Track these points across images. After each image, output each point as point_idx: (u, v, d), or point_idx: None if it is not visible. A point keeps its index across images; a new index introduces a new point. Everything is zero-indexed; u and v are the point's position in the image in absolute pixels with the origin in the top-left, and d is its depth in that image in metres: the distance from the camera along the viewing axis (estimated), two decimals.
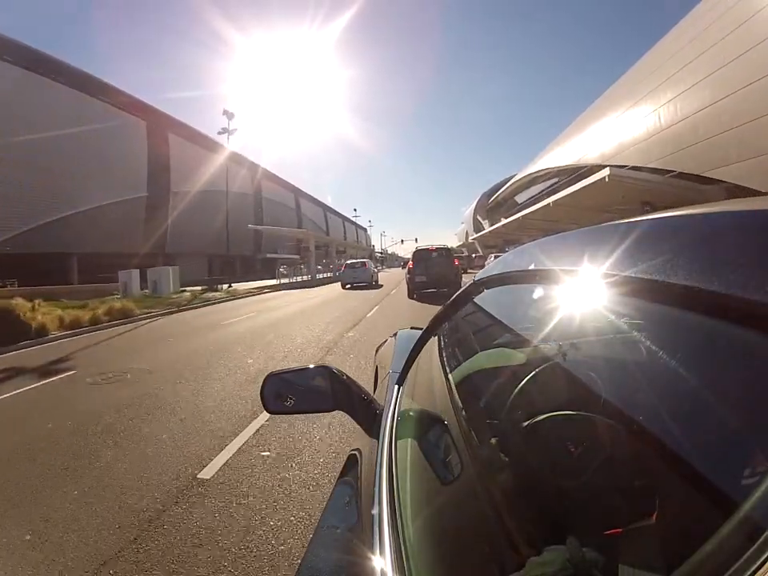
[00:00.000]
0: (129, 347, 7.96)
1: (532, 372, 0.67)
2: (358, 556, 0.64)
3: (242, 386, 4.66)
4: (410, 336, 1.86)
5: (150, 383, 4.98)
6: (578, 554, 0.39)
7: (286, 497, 2.39)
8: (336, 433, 3.22)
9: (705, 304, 0.35)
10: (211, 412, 3.85)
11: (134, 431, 3.48)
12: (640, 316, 0.46)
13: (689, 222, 0.51)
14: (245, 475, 2.67)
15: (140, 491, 2.52)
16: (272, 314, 11.74)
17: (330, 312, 11.39)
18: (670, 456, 0.36)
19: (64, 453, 3.13)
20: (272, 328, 9.00)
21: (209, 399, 4.25)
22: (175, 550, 1.98)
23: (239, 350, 6.80)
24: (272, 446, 3.09)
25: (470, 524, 0.60)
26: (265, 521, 2.17)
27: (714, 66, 12.62)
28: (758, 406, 0.30)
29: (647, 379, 0.45)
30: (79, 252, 30.56)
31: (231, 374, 5.25)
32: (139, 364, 6.01)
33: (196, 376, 5.21)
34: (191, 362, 6.08)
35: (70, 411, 4.09)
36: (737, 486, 0.28)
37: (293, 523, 2.14)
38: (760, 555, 0.24)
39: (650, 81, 17.05)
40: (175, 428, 3.50)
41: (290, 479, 2.59)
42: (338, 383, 1.04)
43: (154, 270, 20.83)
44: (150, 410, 3.98)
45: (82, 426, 3.65)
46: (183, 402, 4.18)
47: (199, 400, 4.24)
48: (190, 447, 3.12)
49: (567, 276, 0.60)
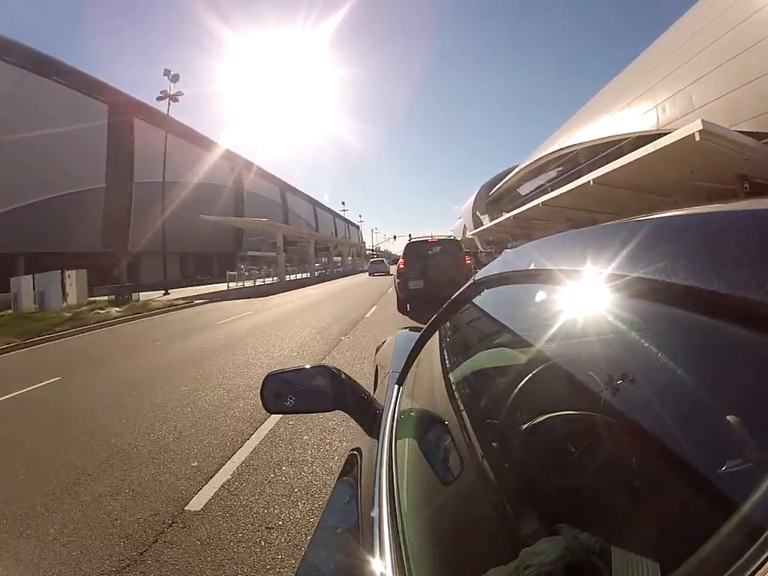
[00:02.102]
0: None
1: (532, 372, 0.66)
2: (357, 556, 0.63)
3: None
4: (409, 336, 1.86)
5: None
6: (575, 542, 0.39)
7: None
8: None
9: (705, 304, 0.35)
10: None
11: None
12: (640, 316, 0.46)
13: (689, 222, 0.52)
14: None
15: None
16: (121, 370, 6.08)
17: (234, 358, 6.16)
18: (671, 456, 0.36)
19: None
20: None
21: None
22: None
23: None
24: None
25: (470, 524, 0.60)
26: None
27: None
28: (758, 405, 0.31)
29: (647, 379, 0.44)
30: (26, 252, 26.43)
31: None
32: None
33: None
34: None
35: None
36: (737, 486, 0.28)
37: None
38: (760, 555, 0.24)
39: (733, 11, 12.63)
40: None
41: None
42: (338, 383, 1.02)
43: (43, 276, 15.43)
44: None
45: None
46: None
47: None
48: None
49: (567, 276, 0.60)
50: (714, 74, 12.92)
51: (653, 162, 10.30)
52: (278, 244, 27.96)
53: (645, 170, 10.98)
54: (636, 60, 21.02)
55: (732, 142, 9.05)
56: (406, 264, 10.19)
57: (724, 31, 12.85)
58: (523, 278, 0.83)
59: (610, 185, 12.89)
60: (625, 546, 0.36)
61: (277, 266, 28.75)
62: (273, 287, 23.69)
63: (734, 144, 9.10)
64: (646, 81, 17.67)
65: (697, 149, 8.93)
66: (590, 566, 0.37)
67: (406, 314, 9.39)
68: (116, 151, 34.48)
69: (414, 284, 9.71)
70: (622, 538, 0.37)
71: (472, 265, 11.06)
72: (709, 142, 8.64)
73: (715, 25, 13.34)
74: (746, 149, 9.36)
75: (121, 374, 5.68)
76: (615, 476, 0.45)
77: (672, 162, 10.09)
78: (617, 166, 11.50)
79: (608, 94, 22.82)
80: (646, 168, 10.78)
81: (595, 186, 13.20)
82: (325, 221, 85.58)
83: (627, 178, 11.94)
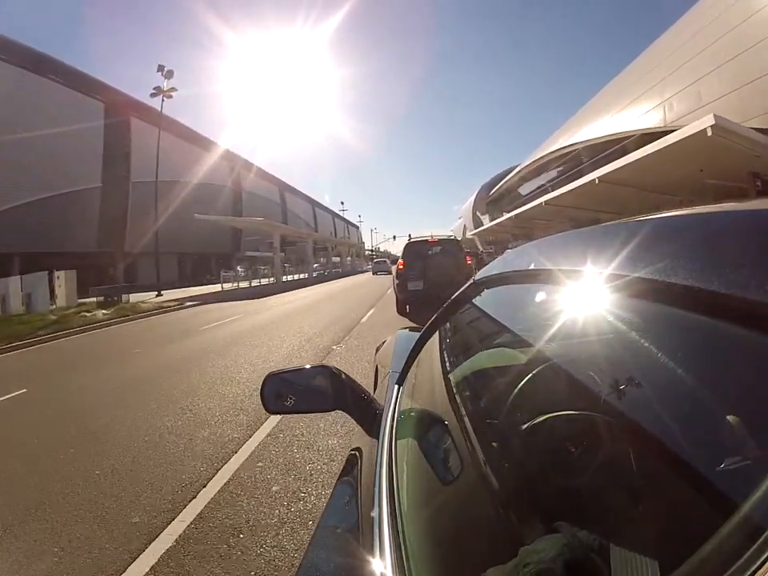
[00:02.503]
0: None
1: (532, 372, 0.66)
2: (357, 556, 0.63)
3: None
4: (409, 336, 1.84)
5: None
6: (574, 539, 0.38)
7: None
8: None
9: (705, 304, 0.35)
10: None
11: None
12: (640, 316, 0.46)
13: (689, 222, 0.52)
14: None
15: None
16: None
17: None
18: (670, 456, 0.36)
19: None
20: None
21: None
22: None
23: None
24: None
25: (470, 524, 0.59)
26: None
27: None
28: (757, 405, 0.31)
29: (647, 379, 0.44)
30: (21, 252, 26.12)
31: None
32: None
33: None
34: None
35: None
36: (737, 486, 0.28)
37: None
38: (760, 555, 0.24)
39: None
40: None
41: None
42: (338, 383, 1.02)
43: (31, 277, 15.31)
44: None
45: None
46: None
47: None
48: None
49: (567, 276, 0.60)
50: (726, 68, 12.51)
51: (661, 159, 9.86)
52: (275, 244, 27.26)
53: (652, 168, 10.53)
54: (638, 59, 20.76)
55: (744, 138, 8.66)
56: (405, 264, 9.72)
57: (732, 25, 12.46)
58: (523, 278, 0.83)
59: (615, 183, 12.43)
60: (624, 545, 0.36)
61: (273, 266, 27.99)
62: (268, 288, 23.01)
63: (746, 140, 8.71)
64: (652, 77, 17.27)
65: (708, 145, 8.49)
66: (589, 564, 0.37)
67: (405, 316, 9.05)
68: (113, 150, 34.04)
69: (414, 285, 9.29)
70: (621, 537, 0.37)
71: (473, 265, 10.63)
72: (721, 137, 8.22)
73: (726, 16, 12.95)
74: (758, 145, 8.94)
75: (92, 387, 5.27)
76: (615, 475, 0.45)
77: (681, 159, 9.66)
78: (623, 163, 11.04)
79: (610, 93, 22.52)
80: (653, 165, 10.34)
81: (599, 185, 12.73)
82: (324, 221, 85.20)
83: (633, 176, 11.49)
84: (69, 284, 16.15)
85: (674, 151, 9.26)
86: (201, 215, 26.09)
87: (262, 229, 29.14)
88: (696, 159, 9.56)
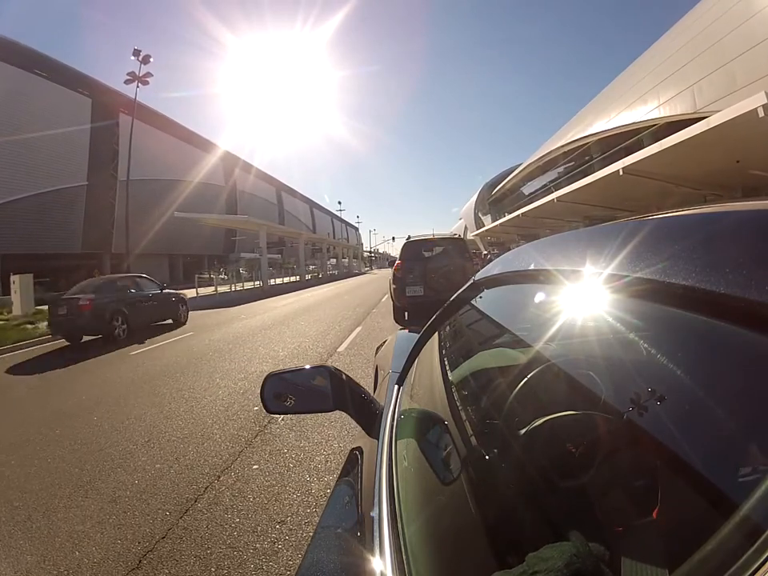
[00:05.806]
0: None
1: (532, 372, 0.66)
2: (358, 556, 0.63)
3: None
4: (409, 336, 1.85)
5: None
6: (584, 548, 0.38)
7: None
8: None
9: (704, 304, 0.35)
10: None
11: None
12: (640, 316, 0.46)
13: (689, 222, 0.51)
14: None
15: None
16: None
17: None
18: (671, 456, 0.36)
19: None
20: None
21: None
22: None
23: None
24: None
25: (470, 524, 0.59)
26: None
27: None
28: (758, 406, 0.30)
29: (647, 379, 0.44)
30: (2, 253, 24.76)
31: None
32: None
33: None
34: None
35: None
36: (737, 486, 0.28)
37: None
38: (760, 555, 0.24)
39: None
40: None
41: None
42: (338, 383, 1.02)
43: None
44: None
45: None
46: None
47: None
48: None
49: (567, 276, 0.60)
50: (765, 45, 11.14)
51: (695, 146, 8.49)
52: (261, 244, 24.78)
53: (684, 157, 9.13)
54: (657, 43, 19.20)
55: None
56: (403, 266, 8.17)
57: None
58: (523, 279, 0.83)
59: (641, 175, 11.03)
60: (632, 554, 0.35)
61: (260, 268, 25.42)
62: (248, 294, 20.52)
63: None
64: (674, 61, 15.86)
65: (755, 130, 7.13)
66: (597, 572, 0.37)
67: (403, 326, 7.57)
68: (100, 148, 32.67)
69: (412, 290, 7.96)
70: (628, 545, 0.37)
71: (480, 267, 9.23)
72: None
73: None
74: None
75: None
76: (615, 476, 0.44)
77: (717, 148, 8.24)
78: (653, 151, 9.52)
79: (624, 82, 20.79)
80: (686, 154, 8.96)
81: (621, 178, 11.35)
82: (322, 222, 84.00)
83: (661, 166, 10.06)
84: (24, 289, 13.76)
85: (711, 137, 7.87)
86: (180, 213, 24.35)
87: (246, 228, 27.54)
88: (735, 148, 8.19)
